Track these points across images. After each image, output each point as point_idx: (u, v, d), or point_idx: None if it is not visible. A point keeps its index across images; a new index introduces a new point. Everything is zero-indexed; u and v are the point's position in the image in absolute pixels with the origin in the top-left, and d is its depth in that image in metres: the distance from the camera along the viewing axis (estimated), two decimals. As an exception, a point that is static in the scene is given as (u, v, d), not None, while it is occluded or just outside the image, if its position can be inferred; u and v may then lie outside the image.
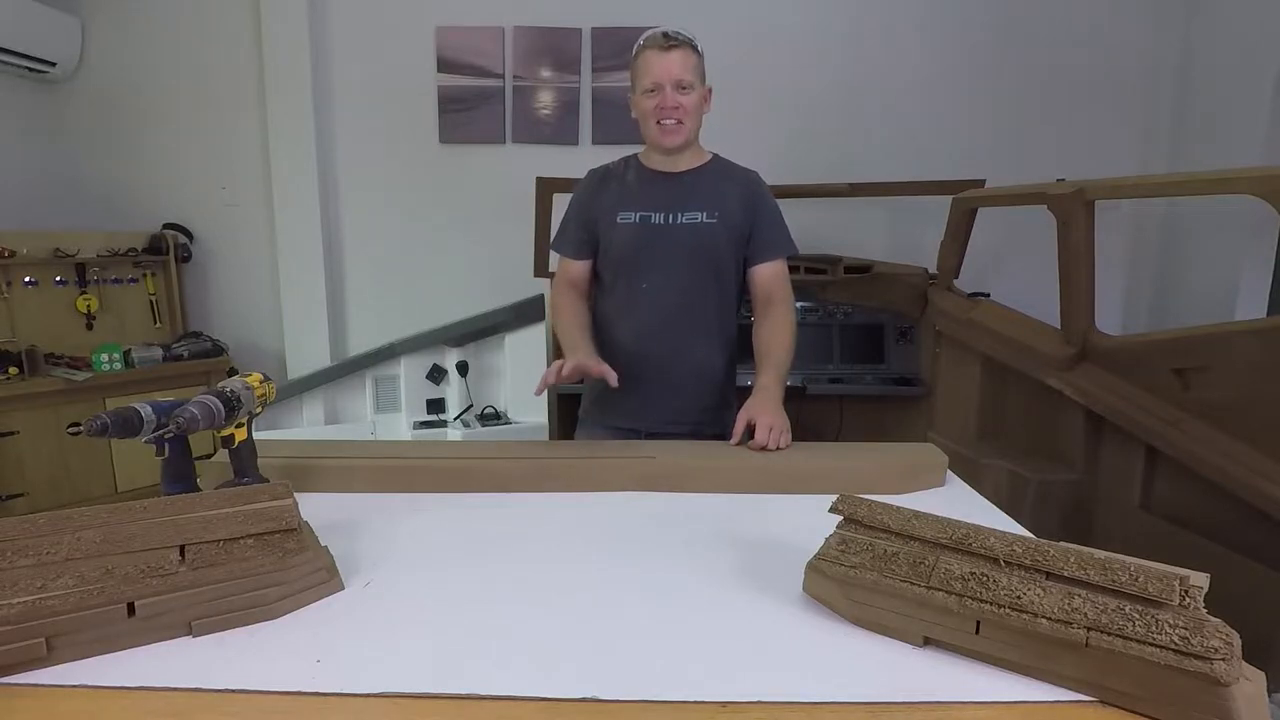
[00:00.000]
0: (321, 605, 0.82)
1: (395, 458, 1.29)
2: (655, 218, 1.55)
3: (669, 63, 1.48)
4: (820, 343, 3.06)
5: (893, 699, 0.67)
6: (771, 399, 1.41)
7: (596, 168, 1.68)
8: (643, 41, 1.53)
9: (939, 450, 1.35)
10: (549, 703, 0.66)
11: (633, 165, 1.63)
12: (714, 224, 1.55)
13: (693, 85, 1.50)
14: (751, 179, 1.63)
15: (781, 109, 3.53)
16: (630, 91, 1.57)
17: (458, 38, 3.52)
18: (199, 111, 3.60)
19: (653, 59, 1.49)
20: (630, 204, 1.57)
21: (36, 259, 3.08)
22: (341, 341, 3.78)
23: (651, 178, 1.59)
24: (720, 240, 1.55)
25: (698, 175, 1.58)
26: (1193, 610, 0.65)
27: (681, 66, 1.48)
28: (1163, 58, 3.37)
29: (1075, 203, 1.95)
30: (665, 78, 1.48)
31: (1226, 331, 1.70)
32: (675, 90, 1.48)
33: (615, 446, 1.43)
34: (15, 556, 0.72)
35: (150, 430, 0.95)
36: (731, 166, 1.64)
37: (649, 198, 1.57)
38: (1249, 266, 2.97)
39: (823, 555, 0.83)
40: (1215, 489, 1.66)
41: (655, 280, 1.56)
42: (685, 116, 1.50)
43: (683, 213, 1.55)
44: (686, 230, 1.54)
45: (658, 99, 1.49)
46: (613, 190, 1.61)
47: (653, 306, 1.57)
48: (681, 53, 1.48)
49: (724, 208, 1.55)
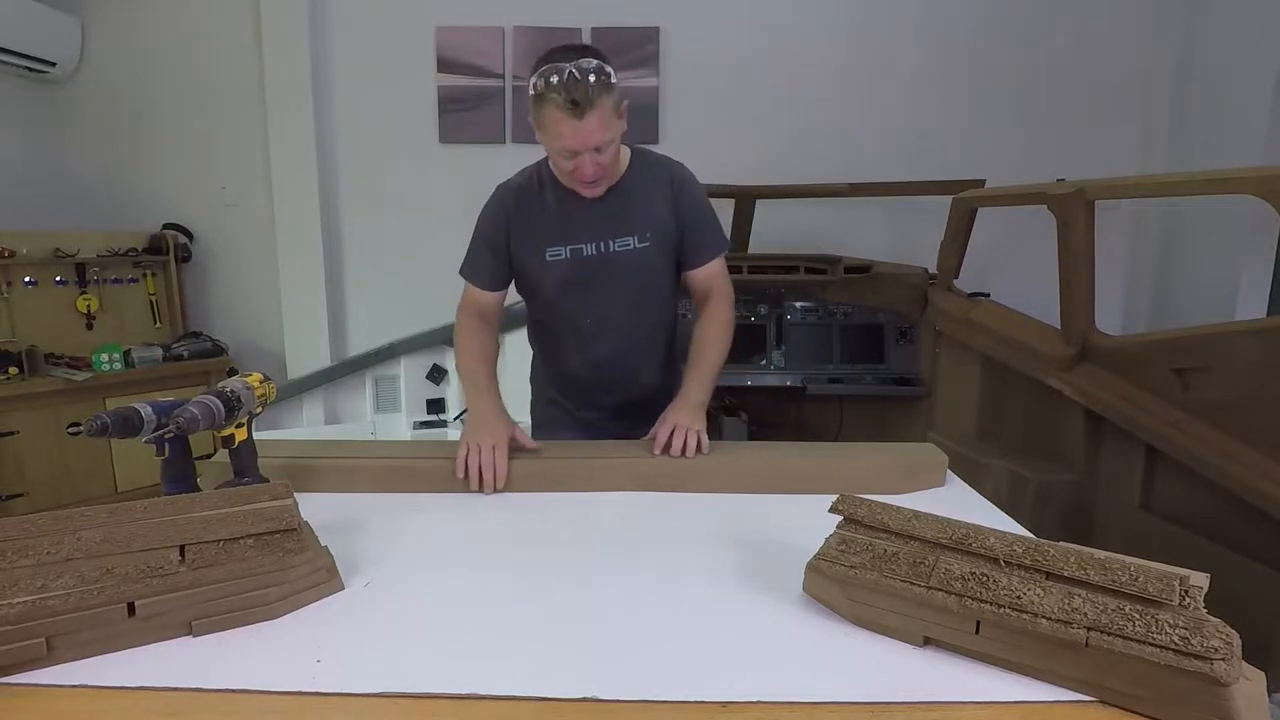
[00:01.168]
0: (321, 605, 0.82)
1: (395, 458, 1.29)
2: (587, 249, 1.43)
3: (584, 133, 1.24)
4: (820, 343, 3.06)
5: (893, 699, 0.67)
6: (689, 406, 1.37)
7: (504, 186, 1.49)
8: (549, 91, 1.23)
9: (939, 450, 1.35)
10: (549, 703, 0.66)
11: (548, 183, 1.44)
12: (647, 247, 1.43)
13: (613, 138, 1.30)
14: (674, 178, 1.47)
15: (781, 109, 3.53)
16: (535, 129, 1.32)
17: (458, 38, 3.52)
18: (199, 111, 3.61)
19: (564, 126, 1.24)
20: (556, 237, 1.43)
21: (36, 259, 3.08)
22: (341, 341, 3.78)
23: (573, 202, 1.42)
24: (657, 262, 1.47)
25: (620, 195, 1.43)
26: (1193, 610, 0.65)
27: (600, 128, 1.25)
28: (1163, 58, 3.37)
29: (1075, 203, 1.95)
30: (582, 146, 1.26)
31: (1226, 331, 1.70)
32: (594, 154, 1.28)
33: (615, 446, 1.41)
34: (15, 556, 0.72)
35: (150, 430, 0.95)
36: (647, 168, 1.47)
37: (575, 227, 1.42)
38: (1249, 266, 2.97)
39: (823, 555, 0.83)
40: (1215, 489, 1.66)
41: (598, 314, 1.47)
42: (606, 171, 1.34)
43: (614, 240, 1.42)
44: (621, 258, 1.43)
45: (574, 164, 1.30)
46: (534, 218, 1.44)
47: (600, 338, 1.49)
48: (596, 113, 1.23)
49: (654, 226, 1.44)
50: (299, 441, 1.51)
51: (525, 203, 1.45)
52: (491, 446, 1.23)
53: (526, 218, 1.45)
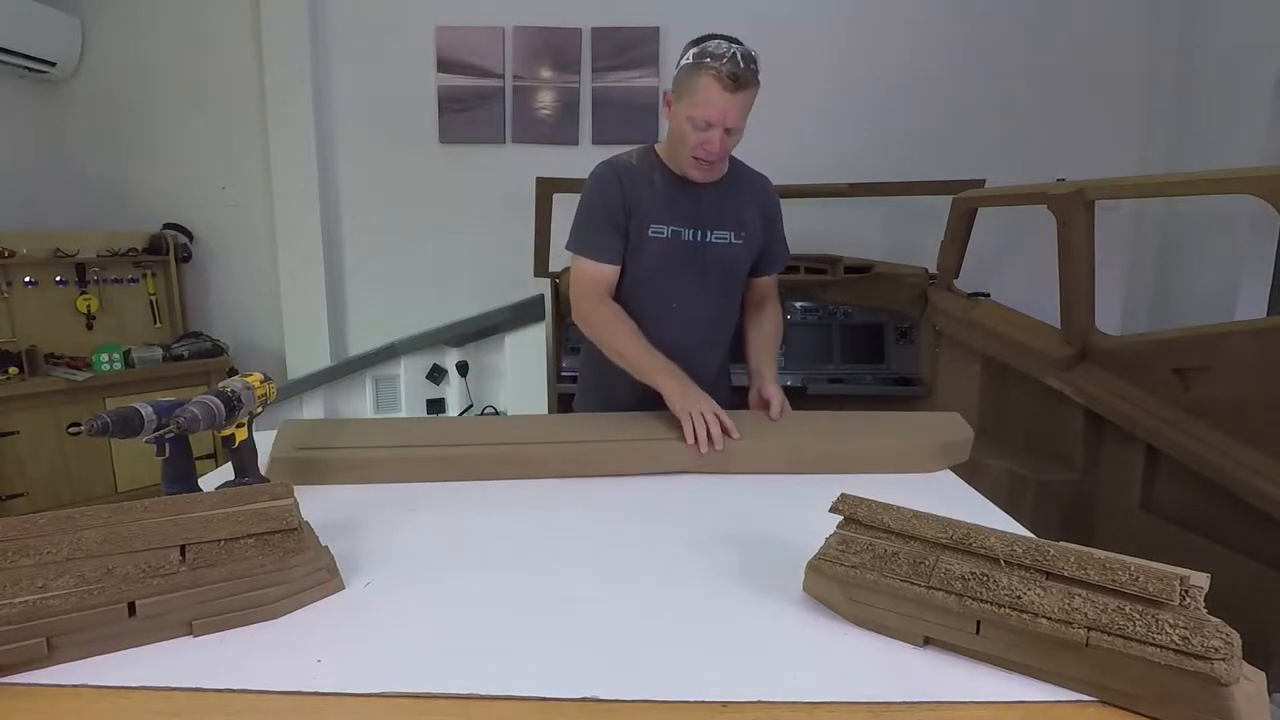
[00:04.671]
0: (321, 605, 0.82)
1: (399, 446, 1.28)
2: (686, 234, 1.49)
3: (732, 107, 1.33)
4: (820, 343, 3.06)
5: (893, 699, 0.67)
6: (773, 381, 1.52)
7: (614, 161, 1.52)
8: (708, 60, 1.32)
9: (964, 422, 1.39)
10: (549, 703, 0.66)
11: (657, 167, 1.50)
12: (739, 245, 1.52)
13: (742, 128, 1.39)
14: (767, 190, 1.60)
15: (782, 109, 3.53)
16: (672, 93, 1.41)
17: (458, 38, 3.52)
18: (199, 112, 3.61)
19: (714, 95, 1.32)
20: (661, 216, 1.48)
21: (36, 259, 3.08)
22: (341, 341, 3.78)
23: (680, 187, 1.49)
24: (743, 262, 1.56)
25: (723, 189, 1.52)
26: (1193, 610, 0.65)
27: (742, 111, 1.35)
28: (1163, 58, 3.37)
29: (1075, 203, 1.95)
30: (721, 121, 1.34)
31: (1226, 331, 1.70)
32: (725, 134, 1.36)
33: (646, 426, 1.37)
34: (16, 556, 0.72)
35: (151, 430, 0.95)
36: (745, 173, 1.60)
37: (679, 211, 1.48)
38: (1249, 266, 2.97)
39: (823, 555, 0.83)
40: (1215, 489, 1.66)
41: (684, 299, 1.52)
42: (725, 155, 1.43)
43: (712, 231, 1.50)
44: (715, 251, 1.51)
45: (704, 137, 1.36)
46: (644, 195, 1.48)
47: (679, 325, 1.53)
48: (747, 94, 1.34)
49: (748, 228, 1.53)
50: (308, 421, 1.51)
51: (637, 179, 1.49)
52: (713, 412, 1.30)
53: (639, 192, 1.48)
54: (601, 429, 1.35)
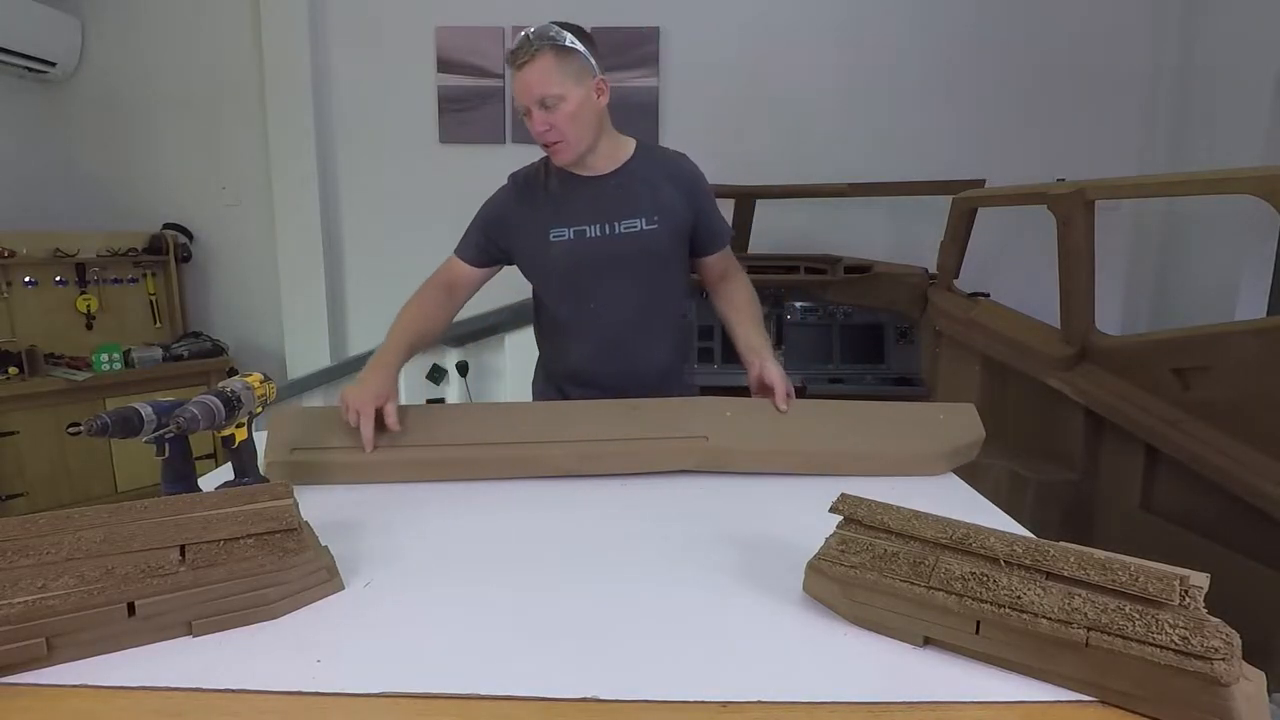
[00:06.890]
0: (321, 605, 0.82)
1: (399, 446, 1.27)
2: (591, 231, 1.42)
3: (526, 82, 1.31)
4: (820, 343, 3.06)
5: (893, 699, 0.67)
6: (770, 358, 1.41)
7: (516, 173, 1.52)
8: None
9: (977, 418, 1.35)
10: (549, 703, 0.66)
11: (553, 170, 1.46)
12: (655, 229, 1.43)
13: (562, 96, 1.31)
14: (685, 168, 1.50)
15: (782, 109, 3.53)
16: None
17: (457, 38, 3.52)
18: (199, 111, 3.61)
19: (514, 81, 1.34)
20: (560, 219, 1.43)
21: (36, 259, 3.09)
22: (341, 341, 3.78)
23: (576, 184, 1.44)
24: (664, 245, 1.46)
25: (626, 175, 1.44)
26: (1193, 610, 0.65)
27: (541, 81, 1.30)
28: (1163, 58, 3.37)
29: (1075, 203, 1.95)
30: (526, 99, 1.32)
31: (1226, 331, 1.70)
32: (540, 110, 1.31)
33: (660, 422, 1.33)
34: (16, 556, 0.72)
35: (150, 430, 0.95)
36: (658, 155, 1.51)
37: (578, 209, 1.43)
38: (1249, 266, 2.97)
39: (823, 555, 0.83)
40: (1215, 489, 1.66)
41: (602, 298, 1.46)
42: (562, 134, 1.33)
43: (620, 222, 1.42)
44: (628, 240, 1.42)
45: (531, 122, 1.34)
46: (537, 202, 1.45)
47: (604, 326, 1.48)
48: (538, 65, 1.30)
49: (663, 210, 1.44)
50: (305, 409, 1.49)
51: (530, 188, 1.48)
52: (356, 410, 1.23)
53: (531, 202, 1.46)
54: (601, 426, 1.33)
